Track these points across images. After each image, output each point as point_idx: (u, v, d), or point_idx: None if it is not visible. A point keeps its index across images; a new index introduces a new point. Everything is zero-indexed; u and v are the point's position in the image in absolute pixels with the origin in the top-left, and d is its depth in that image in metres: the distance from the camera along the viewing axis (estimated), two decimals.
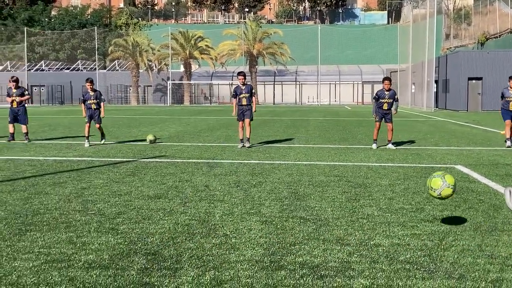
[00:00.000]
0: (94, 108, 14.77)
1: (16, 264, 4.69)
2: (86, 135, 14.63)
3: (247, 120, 14.18)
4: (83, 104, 14.93)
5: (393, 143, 14.45)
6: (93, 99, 14.71)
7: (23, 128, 15.93)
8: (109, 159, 11.87)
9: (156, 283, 4.26)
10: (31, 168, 10.41)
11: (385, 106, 14.09)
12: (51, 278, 4.36)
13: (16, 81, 16.21)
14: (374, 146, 14.21)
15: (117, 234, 5.66)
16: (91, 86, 14.65)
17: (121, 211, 6.74)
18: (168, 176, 9.48)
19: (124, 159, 11.76)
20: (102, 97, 15.12)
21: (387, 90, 14.10)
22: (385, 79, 14.33)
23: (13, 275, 4.41)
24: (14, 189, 8.19)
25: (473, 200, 7.48)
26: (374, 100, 14.41)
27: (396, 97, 14.30)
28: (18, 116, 16.06)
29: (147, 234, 5.66)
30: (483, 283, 4.31)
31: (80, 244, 5.29)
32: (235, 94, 14.29)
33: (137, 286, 4.20)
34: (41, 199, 7.47)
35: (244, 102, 14.17)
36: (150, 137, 15.34)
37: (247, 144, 14.25)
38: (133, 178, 9.26)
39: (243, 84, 14.18)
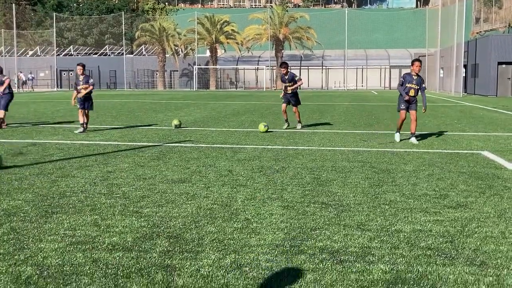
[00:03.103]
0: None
1: (42, 245, 4.82)
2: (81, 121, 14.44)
3: (294, 108, 15.21)
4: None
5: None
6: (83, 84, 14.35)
7: (1, 113, 15.50)
8: (134, 143, 12.02)
9: (177, 265, 4.33)
10: (59, 152, 10.60)
11: (412, 93, 12.13)
12: (76, 259, 4.47)
13: None
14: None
15: (140, 217, 5.75)
16: (82, 71, 14.31)
17: (145, 194, 6.84)
18: (192, 160, 9.57)
19: (150, 144, 11.89)
20: (91, 80, 14.53)
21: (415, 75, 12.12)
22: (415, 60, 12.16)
23: (39, 256, 4.53)
24: (41, 172, 8.37)
25: (498, 187, 7.38)
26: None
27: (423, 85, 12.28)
28: (1, 101, 15.53)
29: (170, 218, 5.74)
30: (505, 270, 4.28)
31: (104, 227, 5.40)
32: (282, 81, 15.23)
33: (159, 268, 4.28)
34: (68, 182, 7.63)
35: (288, 90, 15.07)
36: (175, 122, 15.47)
37: (298, 126, 15.34)
38: (157, 162, 9.37)
39: (286, 74, 14.95)
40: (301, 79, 15.45)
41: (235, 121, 17.99)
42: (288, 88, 14.91)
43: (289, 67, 15.52)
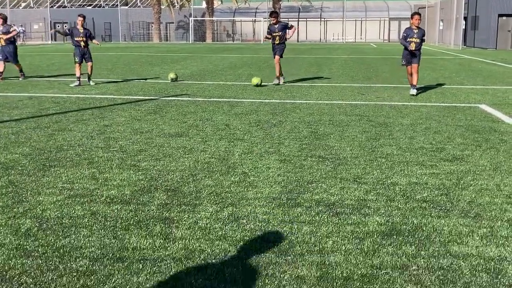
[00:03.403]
0: (84, 46, 14.24)
1: (40, 198, 4.85)
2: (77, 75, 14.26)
3: (276, 57, 14.31)
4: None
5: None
6: (82, 36, 14.17)
7: (15, 66, 15.73)
8: (131, 97, 11.95)
9: (175, 218, 4.38)
10: (55, 105, 10.55)
11: (413, 46, 12.10)
12: (74, 212, 4.51)
13: (3, 18, 15.74)
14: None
15: (138, 171, 5.78)
16: (82, 22, 14.07)
17: (142, 148, 6.85)
18: (189, 114, 9.54)
19: (146, 97, 11.83)
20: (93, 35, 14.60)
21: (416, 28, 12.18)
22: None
23: (37, 209, 4.57)
24: (38, 126, 8.35)
25: (495, 140, 7.40)
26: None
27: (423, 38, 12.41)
28: (7, 54, 15.53)
29: (167, 171, 5.77)
30: (499, 222, 4.33)
31: (102, 180, 5.42)
32: (269, 32, 14.48)
33: (157, 220, 4.32)
34: (65, 136, 7.62)
35: (276, 41, 14.28)
36: (171, 75, 15.34)
37: (278, 81, 14.49)
38: (154, 116, 9.35)
39: (276, 24, 14.20)
40: (293, 26, 14.85)
41: (232, 74, 17.86)
42: (277, 38, 14.14)
43: (280, 18, 14.78)
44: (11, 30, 15.68)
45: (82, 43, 14.15)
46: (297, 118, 9.12)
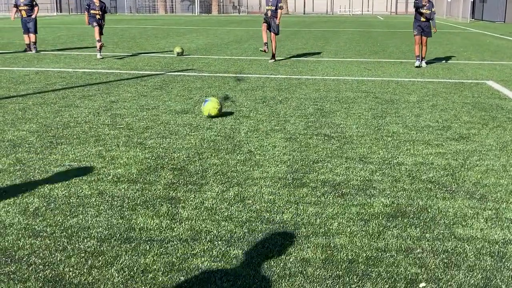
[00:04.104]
0: (98, 18, 14.51)
1: (48, 176, 4.88)
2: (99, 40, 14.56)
3: (272, 34, 13.82)
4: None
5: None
6: (98, 10, 14.50)
7: (32, 37, 16.04)
8: (137, 71, 11.92)
9: (182, 198, 4.41)
10: (61, 80, 10.55)
11: (423, 18, 12.76)
12: (81, 191, 4.54)
13: None
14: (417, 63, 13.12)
15: (145, 149, 5.80)
16: None
17: (148, 125, 6.86)
18: (195, 90, 9.52)
19: (152, 72, 11.79)
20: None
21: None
22: None
23: (45, 188, 4.60)
24: (45, 102, 8.36)
25: (502, 118, 7.37)
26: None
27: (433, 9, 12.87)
28: (28, 25, 15.95)
29: (174, 149, 5.79)
30: (504, 204, 4.34)
31: (109, 158, 5.45)
32: (266, 3, 14.14)
33: (163, 200, 4.36)
34: (71, 112, 7.63)
35: (269, 14, 13.95)
36: (177, 49, 15.26)
37: (270, 61, 13.84)
38: (160, 92, 9.34)
39: None
40: (282, 7, 14.29)
41: (238, 48, 17.75)
42: (269, 12, 13.65)
43: None
44: (34, 3, 16.15)
45: (97, 16, 14.43)
46: (303, 95, 9.09)
